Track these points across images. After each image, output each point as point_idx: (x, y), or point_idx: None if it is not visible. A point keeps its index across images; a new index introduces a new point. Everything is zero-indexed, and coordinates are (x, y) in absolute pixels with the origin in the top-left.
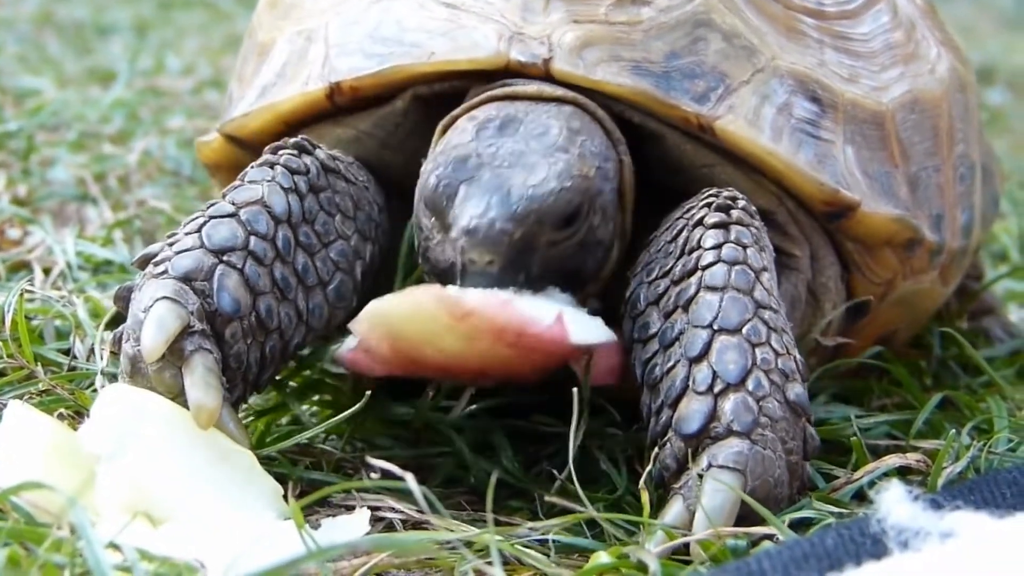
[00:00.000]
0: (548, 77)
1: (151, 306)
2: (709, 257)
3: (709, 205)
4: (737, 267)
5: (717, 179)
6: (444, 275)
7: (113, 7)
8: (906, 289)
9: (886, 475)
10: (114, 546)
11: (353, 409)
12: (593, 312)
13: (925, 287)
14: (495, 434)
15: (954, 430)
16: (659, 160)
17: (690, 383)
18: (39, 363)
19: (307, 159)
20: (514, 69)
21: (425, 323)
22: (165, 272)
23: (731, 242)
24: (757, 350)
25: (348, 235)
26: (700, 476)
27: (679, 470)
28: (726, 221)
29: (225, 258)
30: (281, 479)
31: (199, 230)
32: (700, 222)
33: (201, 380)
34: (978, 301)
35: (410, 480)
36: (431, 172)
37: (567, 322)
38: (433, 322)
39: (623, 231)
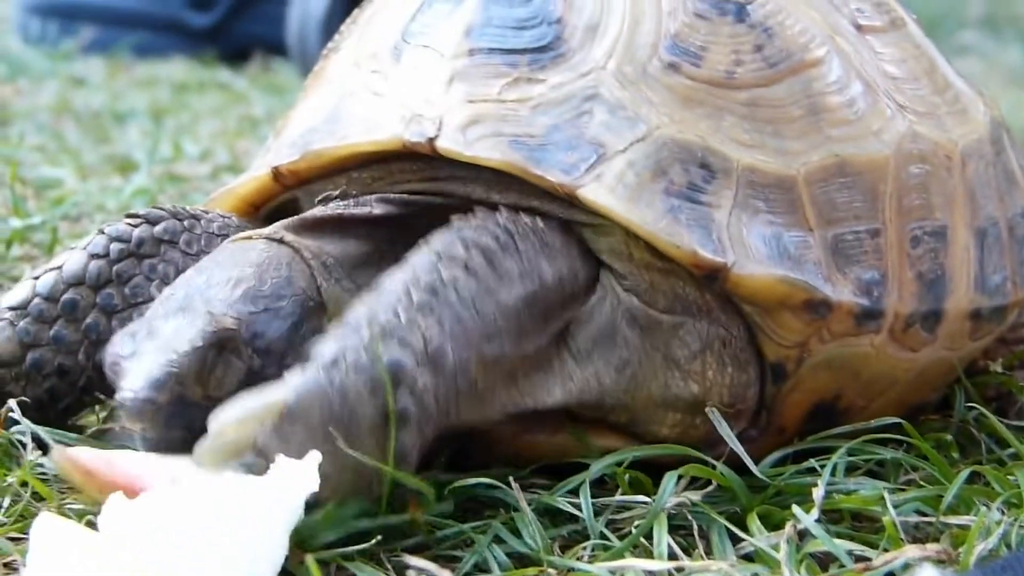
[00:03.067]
0: (435, 153)
1: None
2: None
3: None
4: (427, 254)
5: (602, 242)
6: None
7: (129, 93)
8: (832, 353)
9: None
10: None
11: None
12: None
13: (866, 351)
14: (520, 513)
15: (984, 506)
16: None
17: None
18: None
19: (139, 230)
20: (409, 148)
21: (74, 483)
22: None
23: (446, 233)
24: (383, 314)
25: None
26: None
27: None
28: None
29: (7, 316)
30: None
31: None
32: None
33: None
34: None
35: None
36: (108, 347)
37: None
38: (77, 484)
39: None
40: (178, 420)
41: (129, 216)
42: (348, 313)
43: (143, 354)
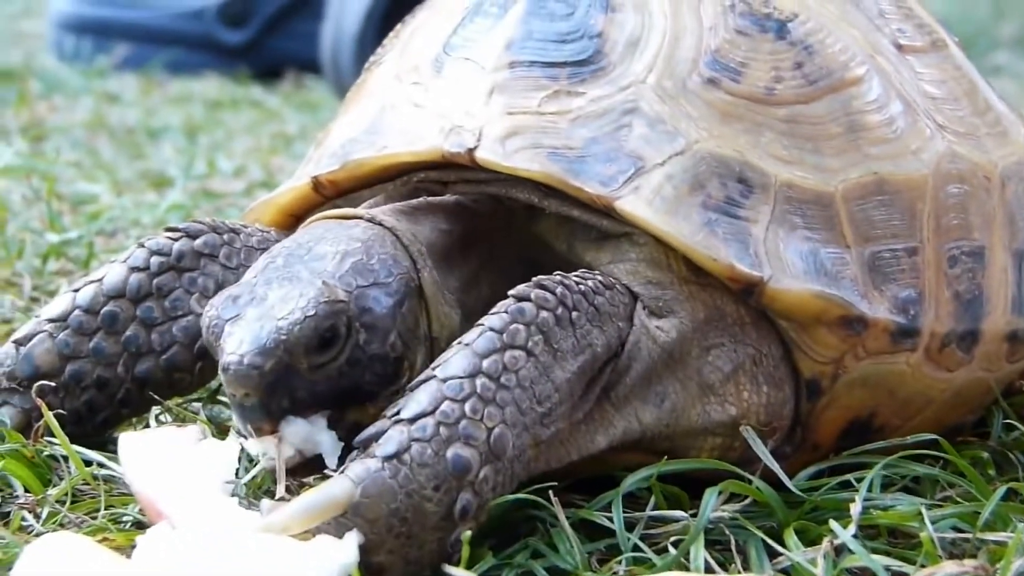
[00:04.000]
0: (475, 164)
1: None
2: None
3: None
4: (489, 334)
5: (635, 248)
6: None
7: (162, 110)
8: (868, 370)
9: None
10: None
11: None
12: None
13: (901, 369)
14: (558, 528)
15: (1021, 523)
16: (585, 230)
17: (390, 410)
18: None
19: (179, 243)
20: (448, 159)
21: None
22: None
23: (506, 313)
24: (447, 403)
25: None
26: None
27: None
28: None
29: (47, 327)
30: None
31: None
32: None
33: None
34: None
35: None
36: (206, 310)
37: None
38: None
39: (428, 337)
40: (280, 389)
41: (169, 230)
42: (408, 397)
43: (249, 319)
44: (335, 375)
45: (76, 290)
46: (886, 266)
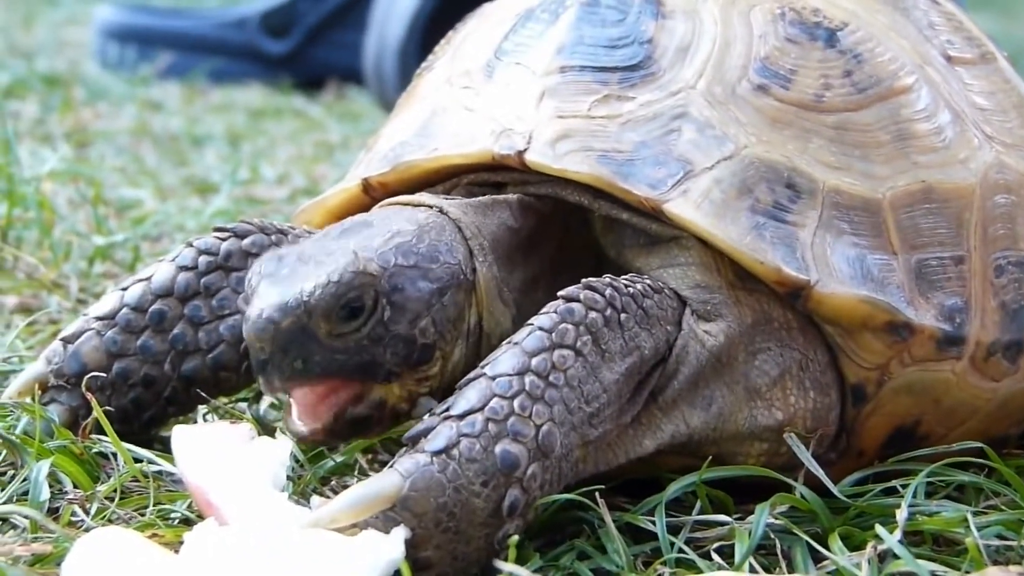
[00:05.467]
0: (524, 166)
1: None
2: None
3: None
4: (539, 333)
5: (684, 252)
6: None
7: (206, 118)
8: (913, 377)
9: None
10: None
11: None
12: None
13: (946, 377)
14: (604, 530)
15: None
16: (634, 236)
17: (440, 407)
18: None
19: (227, 243)
20: (498, 161)
21: None
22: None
23: (555, 313)
24: (496, 399)
25: None
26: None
27: None
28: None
29: (94, 325)
30: None
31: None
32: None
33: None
34: None
35: None
36: (254, 266)
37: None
38: None
39: (477, 332)
40: (295, 349)
41: (217, 230)
42: (458, 394)
43: (283, 278)
44: (354, 347)
45: (124, 288)
46: (932, 274)
